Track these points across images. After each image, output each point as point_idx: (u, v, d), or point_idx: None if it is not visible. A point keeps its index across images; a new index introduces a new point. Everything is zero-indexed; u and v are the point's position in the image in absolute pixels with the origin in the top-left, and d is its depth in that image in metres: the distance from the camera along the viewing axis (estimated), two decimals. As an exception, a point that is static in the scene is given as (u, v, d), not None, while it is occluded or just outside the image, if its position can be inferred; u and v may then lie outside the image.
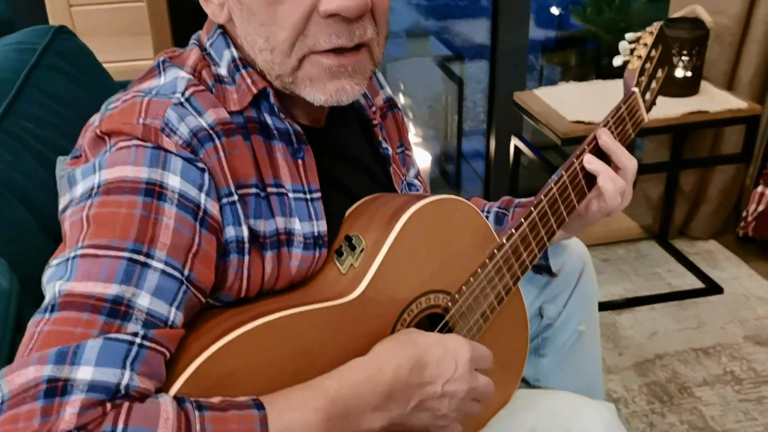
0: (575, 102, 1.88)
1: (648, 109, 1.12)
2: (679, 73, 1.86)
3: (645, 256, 2.25)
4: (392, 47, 2.55)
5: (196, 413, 0.60)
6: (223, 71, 0.79)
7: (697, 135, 2.13)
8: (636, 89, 1.07)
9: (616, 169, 0.99)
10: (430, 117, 2.63)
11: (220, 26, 0.80)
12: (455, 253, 0.86)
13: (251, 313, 0.72)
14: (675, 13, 1.99)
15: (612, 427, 0.88)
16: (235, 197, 0.73)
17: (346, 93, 0.78)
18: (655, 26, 1.14)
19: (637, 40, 1.14)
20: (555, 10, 2.80)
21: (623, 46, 1.13)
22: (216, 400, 0.63)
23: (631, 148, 2.53)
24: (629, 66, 1.11)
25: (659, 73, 1.16)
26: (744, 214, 2.21)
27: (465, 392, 0.75)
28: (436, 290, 0.84)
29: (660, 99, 1.88)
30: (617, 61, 1.14)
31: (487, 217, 1.12)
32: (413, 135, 2.53)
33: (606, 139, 0.99)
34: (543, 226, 0.94)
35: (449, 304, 0.85)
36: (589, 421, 0.88)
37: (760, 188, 2.16)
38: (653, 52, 1.14)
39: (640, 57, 1.11)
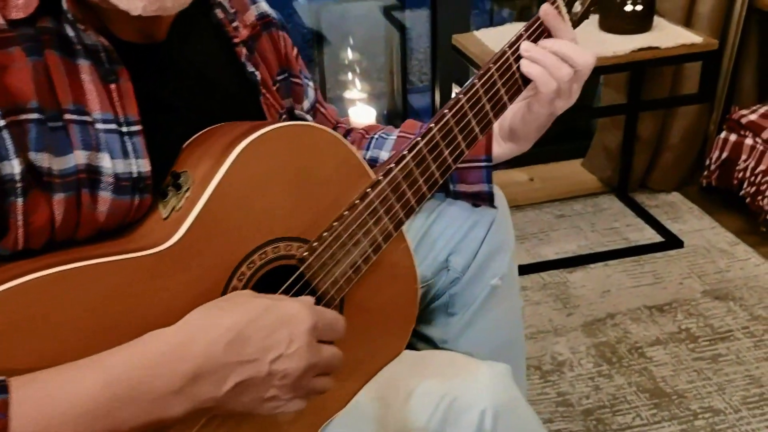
0: (519, 43, 1.72)
1: (578, 22, 0.96)
2: (629, 7, 1.70)
3: (603, 210, 2.11)
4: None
5: None
6: None
7: (656, 77, 1.98)
8: None
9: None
10: (373, 69, 2.47)
11: None
12: (314, 192, 0.71)
13: (29, 267, 0.57)
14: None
15: (499, 390, 0.74)
16: (2, 123, 0.58)
17: None
18: None
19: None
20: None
21: None
22: None
23: (590, 94, 2.37)
24: None
25: None
26: (707, 162, 2.07)
27: (302, 370, 0.61)
28: (288, 237, 0.69)
29: (609, 36, 1.74)
30: None
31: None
32: (358, 91, 2.36)
33: (546, 43, 0.83)
34: (437, 157, 0.78)
35: (305, 254, 0.70)
36: (472, 383, 0.74)
37: (723, 134, 2.02)
38: None
39: None
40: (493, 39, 1.76)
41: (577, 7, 0.92)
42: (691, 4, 1.89)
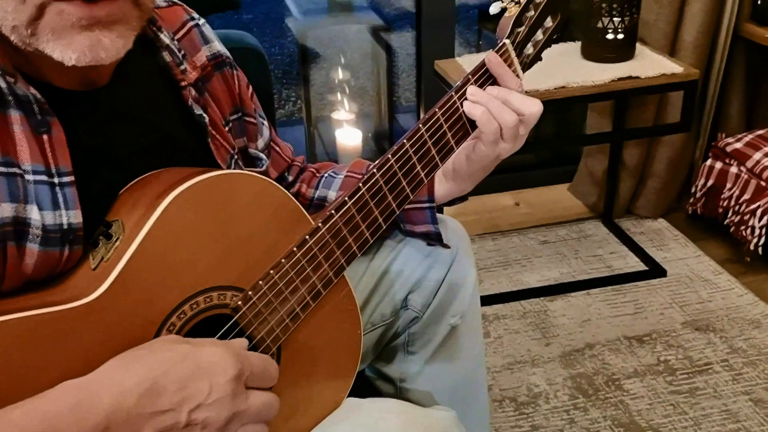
0: (500, 70, 1.71)
1: (529, 65, 0.95)
2: (610, 35, 1.69)
3: (588, 237, 2.10)
4: (315, 19, 2.38)
5: None
6: None
7: (640, 104, 1.97)
8: (507, 41, 0.90)
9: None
10: (360, 93, 2.47)
11: None
12: (249, 240, 0.70)
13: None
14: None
15: None
16: None
17: (105, 49, 0.64)
18: None
19: (522, -18, 0.97)
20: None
21: None
22: None
23: (577, 120, 2.36)
24: (506, 13, 0.95)
25: (548, 22, 0.99)
26: (693, 189, 2.06)
27: (225, 420, 0.60)
28: (222, 287, 0.69)
29: (590, 64, 1.74)
30: (494, 9, 0.98)
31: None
32: (345, 111, 2.37)
33: (493, 91, 0.83)
34: (380, 202, 0.78)
35: (240, 303, 0.70)
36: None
37: (709, 162, 2.01)
38: None
39: (518, 3, 0.94)
40: (474, 65, 1.75)
41: (530, 49, 0.91)
42: (676, 33, 1.88)
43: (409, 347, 1.04)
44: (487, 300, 1.80)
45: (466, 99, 0.82)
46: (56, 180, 0.65)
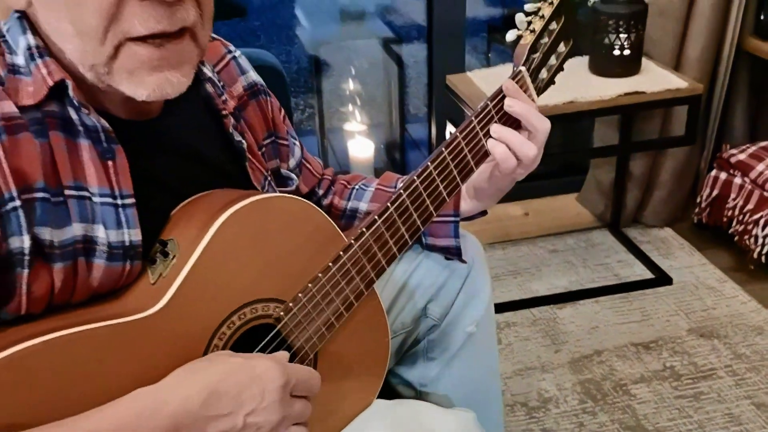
0: (510, 85, 1.78)
1: (543, 89, 1.02)
2: (617, 51, 1.76)
3: (595, 245, 2.16)
4: (324, 27, 2.44)
5: None
6: (20, 60, 0.70)
7: (646, 116, 2.03)
8: (523, 68, 0.97)
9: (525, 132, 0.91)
10: (372, 104, 2.53)
11: (20, 10, 0.71)
12: (290, 256, 0.77)
13: (23, 333, 0.63)
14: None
15: None
16: (18, 203, 0.65)
17: (172, 85, 0.71)
18: None
19: (536, 11, 1.04)
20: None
21: (519, 18, 1.03)
22: None
23: (586, 132, 2.42)
24: (521, 41, 1.01)
25: (561, 48, 1.05)
26: (698, 199, 2.12)
27: (275, 423, 0.68)
28: (265, 299, 0.75)
29: (597, 79, 1.80)
30: (510, 36, 1.04)
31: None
32: (357, 123, 2.43)
33: (511, 104, 0.90)
34: (406, 220, 0.85)
35: (282, 313, 0.76)
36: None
37: (714, 172, 2.07)
38: (553, 25, 1.03)
39: (533, 31, 1.01)
40: (483, 79, 1.82)
41: (544, 74, 0.98)
42: (681, 48, 1.94)
43: (429, 353, 1.10)
44: (497, 308, 1.84)
45: (486, 125, 0.89)
46: (119, 201, 0.72)
